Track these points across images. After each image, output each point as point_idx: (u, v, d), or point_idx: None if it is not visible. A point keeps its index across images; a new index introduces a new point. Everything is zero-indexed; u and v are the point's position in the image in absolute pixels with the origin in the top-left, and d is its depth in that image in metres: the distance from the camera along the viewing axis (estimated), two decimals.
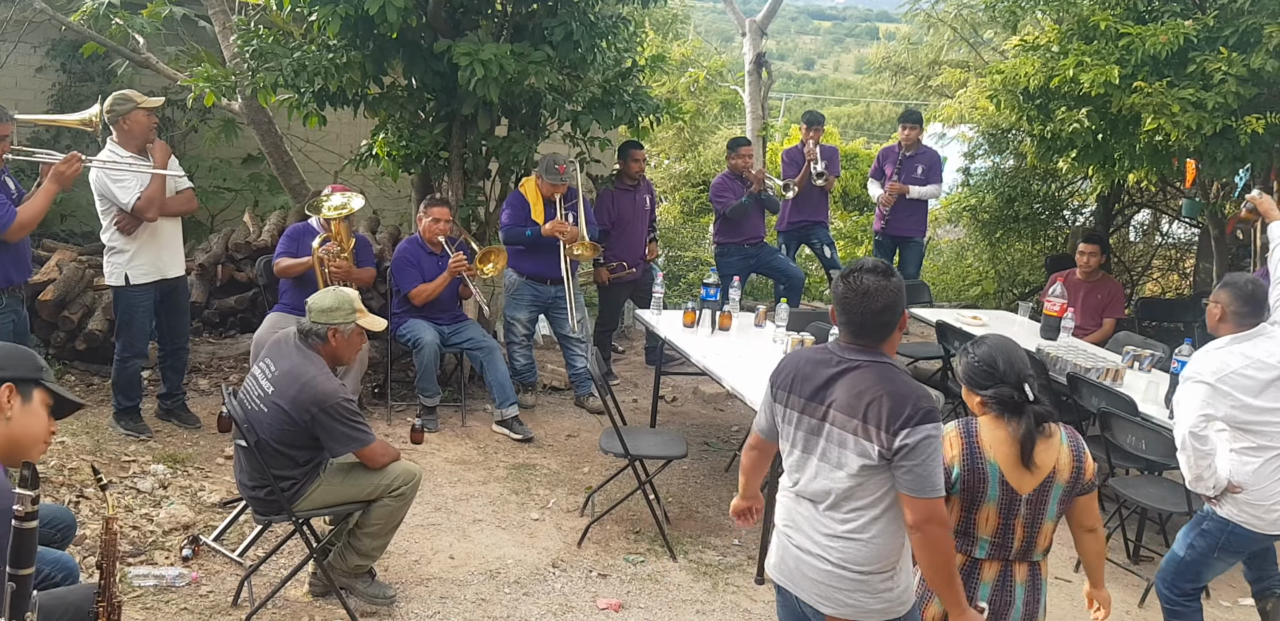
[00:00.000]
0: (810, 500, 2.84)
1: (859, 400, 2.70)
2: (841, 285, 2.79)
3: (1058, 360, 5.77)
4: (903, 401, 2.66)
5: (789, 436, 2.88)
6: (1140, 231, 11.16)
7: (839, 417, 2.74)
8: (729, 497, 5.47)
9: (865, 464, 2.69)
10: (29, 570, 2.14)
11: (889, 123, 24.63)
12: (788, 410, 2.87)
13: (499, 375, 6.06)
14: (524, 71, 5.66)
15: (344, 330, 3.92)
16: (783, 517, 2.94)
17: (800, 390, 2.83)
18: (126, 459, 5.09)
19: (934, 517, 2.66)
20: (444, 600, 4.18)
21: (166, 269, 5.39)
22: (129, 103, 5.13)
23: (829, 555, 2.79)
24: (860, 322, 2.76)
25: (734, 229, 7.64)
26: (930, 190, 8.37)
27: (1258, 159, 6.52)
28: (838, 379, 2.77)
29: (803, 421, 2.83)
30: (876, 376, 2.73)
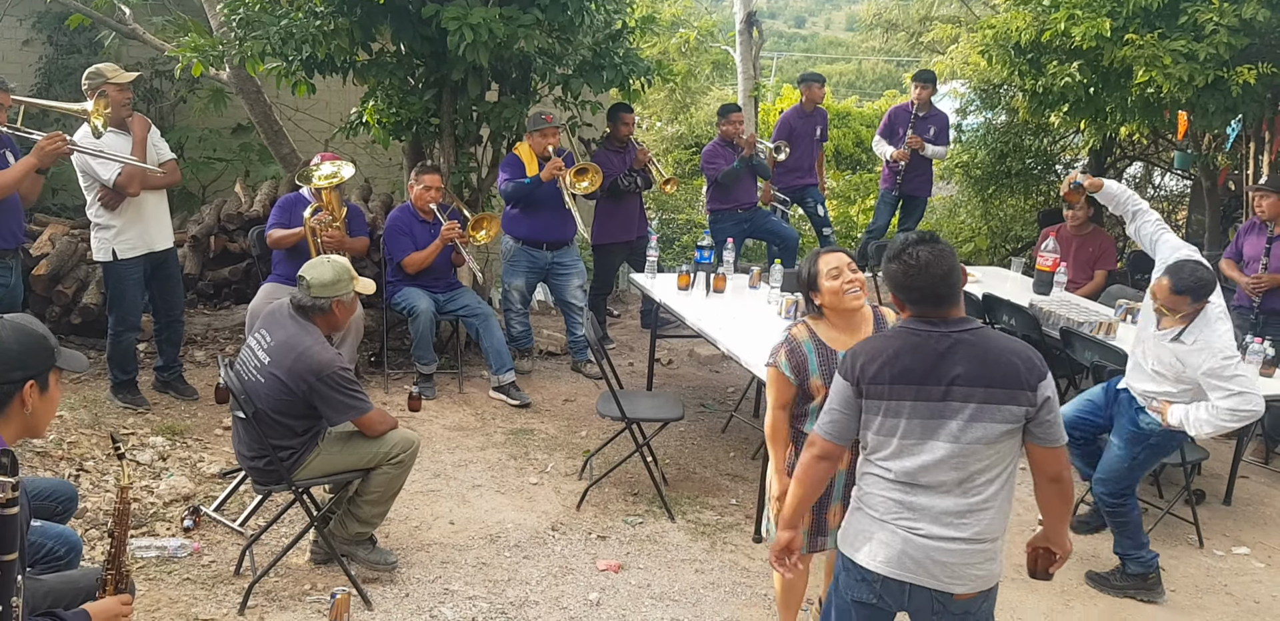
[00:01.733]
0: (930, 484, 2.72)
1: (989, 367, 2.65)
2: (898, 265, 2.72)
3: (1050, 314, 5.79)
4: (1028, 357, 2.68)
5: (893, 428, 2.72)
6: (1133, 184, 11.13)
7: (971, 391, 2.65)
8: (725, 459, 5.55)
9: (1009, 428, 2.66)
10: (12, 556, 2.15)
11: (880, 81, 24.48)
12: (889, 402, 2.70)
13: (495, 341, 6.08)
14: (513, 35, 5.60)
15: (346, 299, 3.93)
16: (890, 510, 2.77)
17: (905, 377, 2.69)
18: (125, 431, 5.11)
19: (1067, 464, 2.77)
20: (445, 565, 4.23)
21: (154, 242, 5.38)
22: (99, 77, 5.09)
23: (963, 532, 2.72)
24: (937, 293, 2.70)
25: (726, 195, 7.62)
26: (939, 151, 8.45)
27: (1249, 110, 6.50)
28: (951, 354, 2.67)
29: (917, 408, 2.69)
30: (989, 340, 2.70)
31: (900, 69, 12.85)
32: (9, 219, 4.80)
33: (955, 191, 11.72)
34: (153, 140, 5.35)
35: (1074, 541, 3.10)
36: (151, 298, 5.55)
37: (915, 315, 2.76)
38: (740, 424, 5.96)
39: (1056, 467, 2.74)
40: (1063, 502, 2.84)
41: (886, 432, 2.74)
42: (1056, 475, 2.75)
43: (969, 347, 2.68)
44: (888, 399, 2.70)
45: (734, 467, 5.44)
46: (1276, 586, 4.63)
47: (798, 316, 5.56)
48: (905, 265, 2.70)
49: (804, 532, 3.50)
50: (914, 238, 2.76)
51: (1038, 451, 2.73)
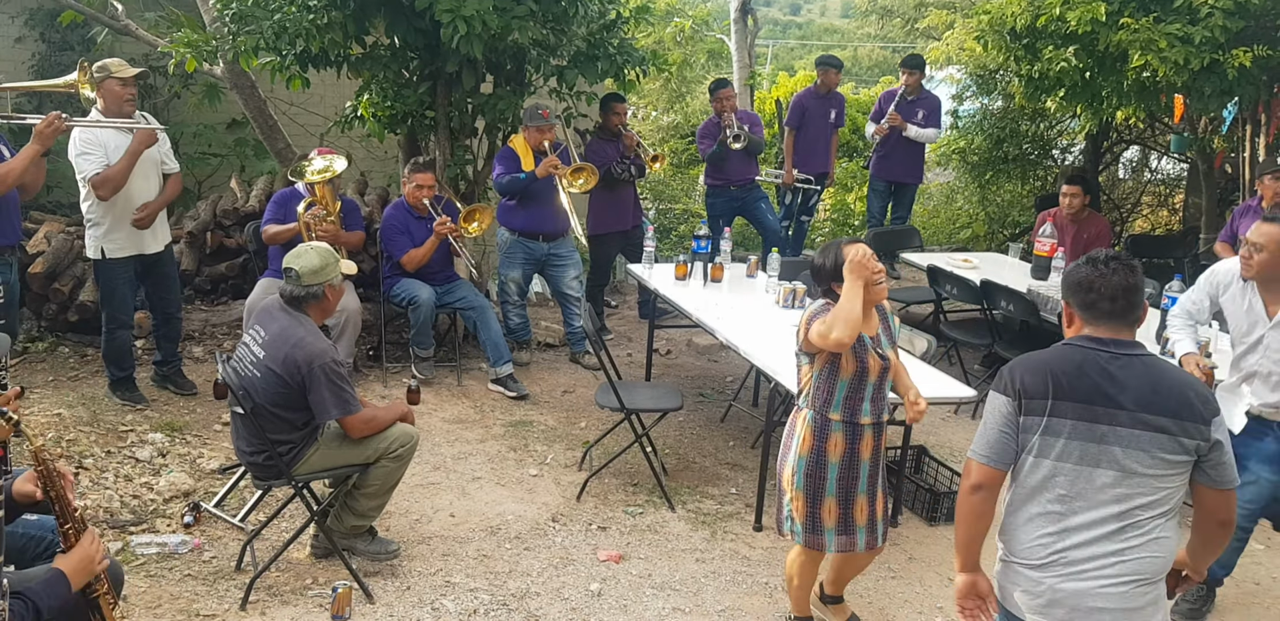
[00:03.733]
0: (1087, 521, 2.55)
1: (1161, 395, 2.48)
2: (1093, 271, 2.58)
3: (1049, 300, 5.79)
4: (1201, 391, 2.52)
5: (1049, 448, 2.55)
6: (1129, 168, 11.13)
7: (1140, 417, 2.48)
8: (725, 448, 5.55)
9: (1180, 460, 2.49)
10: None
11: (876, 67, 24.41)
12: (1050, 419, 2.53)
13: (493, 334, 6.08)
14: (507, 27, 5.58)
15: (335, 283, 3.93)
16: (1040, 552, 2.59)
17: (1068, 394, 2.51)
18: (124, 428, 5.11)
19: (1234, 507, 2.60)
20: (446, 557, 4.23)
21: (144, 245, 5.35)
22: (105, 71, 5.09)
23: (1127, 574, 2.53)
24: (1125, 308, 2.55)
25: (719, 171, 7.67)
26: (928, 134, 8.38)
27: (1245, 92, 6.48)
28: (1121, 375, 2.51)
29: (1078, 428, 2.51)
30: (1161, 367, 2.54)
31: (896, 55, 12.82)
32: (6, 216, 4.79)
33: (952, 178, 11.70)
34: (162, 151, 5.39)
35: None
36: (147, 295, 5.55)
37: (1087, 332, 2.60)
38: (739, 413, 5.96)
39: (1228, 512, 2.58)
40: (1223, 545, 2.70)
41: (1041, 454, 2.55)
42: (1227, 520, 2.60)
43: (1140, 371, 2.52)
44: (1048, 415, 2.53)
45: (733, 457, 5.44)
46: (1276, 568, 4.64)
47: (795, 304, 5.59)
48: (1102, 273, 2.57)
49: (830, 531, 3.54)
50: (1106, 253, 2.63)
51: (1209, 494, 2.56)
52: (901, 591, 4.23)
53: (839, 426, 3.50)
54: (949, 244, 10.52)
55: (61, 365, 5.97)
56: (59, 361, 6.01)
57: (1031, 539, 2.61)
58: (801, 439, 3.53)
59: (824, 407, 3.51)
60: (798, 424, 3.58)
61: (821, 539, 3.56)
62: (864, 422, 3.51)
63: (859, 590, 4.19)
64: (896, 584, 4.28)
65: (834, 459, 3.51)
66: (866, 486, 3.57)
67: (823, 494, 3.52)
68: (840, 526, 3.55)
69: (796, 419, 3.60)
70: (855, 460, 3.53)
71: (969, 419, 6.18)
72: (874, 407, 3.53)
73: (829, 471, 3.51)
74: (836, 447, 3.51)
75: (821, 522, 3.54)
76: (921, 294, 7.30)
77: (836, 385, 3.48)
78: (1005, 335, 6.33)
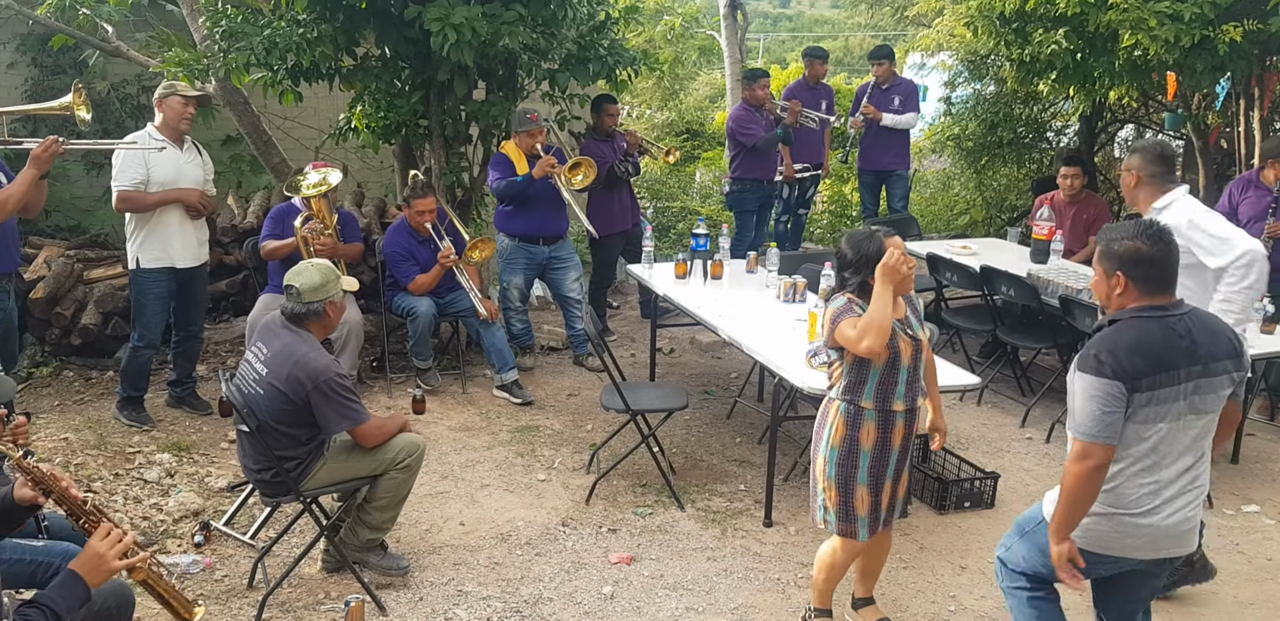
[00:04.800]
0: (1181, 467, 2.88)
1: (1216, 341, 2.84)
2: (1152, 246, 2.81)
3: (1049, 283, 5.77)
4: (1230, 328, 2.95)
5: (1162, 415, 2.80)
6: (1125, 148, 11.07)
7: (1210, 366, 2.82)
8: (732, 445, 5.55)
9: (1229, 390, 2.90)
10: None
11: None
12: (1157, 391, 2.77)
13: (496, 341, 6.09)
14: (497, 32, 5.59)
15: (337, 299, 3.94)
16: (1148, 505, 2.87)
17: (1167, 363, 2.77)
18: (131, 450, 5.13)
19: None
20: (457, 566, 4.24)
21: (176, 259, 5.40)
22: (170, 89, 5.33)
23: (1198, 494, 2.95)
24: (1175, 275, 2.85)
25: (755, 164, 7.70)
26: (906, 119, 8.30)
27: (1237, 67, 6.44)
28: (1190, 334, 2.81)
29: (1175, 392, 2.79)
30: (1203, 316, 2.91)
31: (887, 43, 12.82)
32: (4, 243, 4.81)
33: (948, 164, 11.67)
34: (207, 176, 5.55)
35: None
36: (174, 309, 5.56)
37: (1146, 301, 2.83)
38: (745, 409, 5.96)
39: (1236, 413, 3.12)
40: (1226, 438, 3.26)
41: (1149, 420, 2.80)
42: (1236, 418, 3.20)
43: (1198, 324, 2.84)
44: (1157, 387, 2.77)
45: (741, 453, 5.44)
46: None
47: (796, 299, 5.58)
48: (1162, 245, 2.81)
49: (862, 520, 3.56)
50: (1150, 221, 2.89)
51: (1229, 405, 2.96)
52: (914, 581, 4.23)
53: (872, 415, 3.48)
54: (947, 231, 10.49)
55: (66, 389, 5.99)
56: (64, 385, 6.03)
57: (1137, 493, 2.87)
58: (835, 428, 3.53)
59: (856, 397, 3.49)
60: (830, 413, 3.57)
61: (855, 526, 3.56)
62: (897, 409, 3.49)
63: None
64: (909, 574, 4.28)
65: (866, 447, 3.51)
66: (894, 473, 3.58)
67: (854, 483, 3.53)
68: (871, 514, 3.56)
69: (829, 409, 3.58)
70: (887, 448, 3.52)
71: (974, 406, 6.17)
72: (909, 392, 3.51)
73: (861, 460, 3.51)
74: (869, 436, 3.50)
75: (855, 511, 3.55)
76: (922, 282, 7.23)
77: (869, 373, 3.46)
78: (1007, 320, 6.32)
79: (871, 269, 3.41)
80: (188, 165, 5.40)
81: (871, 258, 3.42)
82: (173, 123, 5.30)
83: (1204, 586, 4.14)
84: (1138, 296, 2.83)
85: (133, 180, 5.19)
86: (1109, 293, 2.89)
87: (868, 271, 3.43)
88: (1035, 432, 5.74)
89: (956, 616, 4.00)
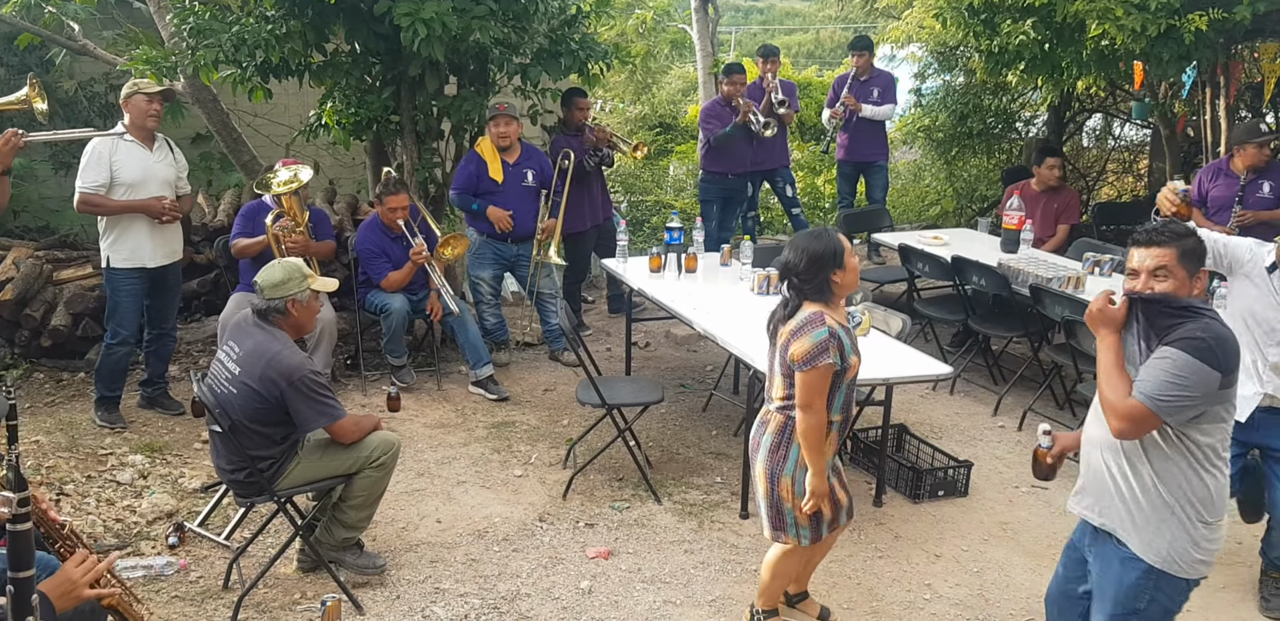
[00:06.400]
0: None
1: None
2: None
3: (1019, 272, 5.82)
4: None
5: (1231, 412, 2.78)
6: (1093, 137, 11.17)
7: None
8: (708, 437, 5.57)
9: None
10: (29, 573, 2.10)
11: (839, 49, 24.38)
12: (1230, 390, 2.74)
13: (471, 337, 6.07)
14: (468, 27, 5.56)
15: (301, 298, 3.90)
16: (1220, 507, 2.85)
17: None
18: (103, 452, 5.09)
19: None
20: (434, 564, 4.23)
21: (146, 259, 5.36)
22: (133, 88, 5.27)
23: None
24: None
25: (720, 158, 7.70)
26: (885, 110, 8.39)
27: (1203, 56, 6.50)
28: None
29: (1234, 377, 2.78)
30: None
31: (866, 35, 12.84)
32: None
33: (919, 155, 11.72)
34: (180, 174, 5.50)
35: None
36: (146, 309, 5.51)
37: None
38: (720, 401, 5.97)
39: None
40: None
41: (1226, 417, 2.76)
42: None
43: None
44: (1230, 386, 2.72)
45: (717, 446, 5.45)
46: (1256, 526, 4.67)
47: (770, 291, 5.60)
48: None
49: (826, 523, 3.53)
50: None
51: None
52: (889, 570, 4.26)
53: (835, 427, 3.46)
54: (919, 221, 10.55)
55: (37, 391, 5.94)
56: (34, 388, 5.98)
57: (1223, 497, 2.80)
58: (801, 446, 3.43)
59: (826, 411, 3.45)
60: (790, 432, 3.45)
61: (820, 532, 3.56)
62: (835, 420, 3.47)
63: (847, 572, 4.22)
64: (884, 563, 4.31)
65: (828, 457, 3.51)
66: (836, 472, 3.59)
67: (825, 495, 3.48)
68: (834, 513, 3.55)
69: (789, 427, 3.45)
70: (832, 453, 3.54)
71: (947, 395, 6.21)
72: (847, 401, 3.50)
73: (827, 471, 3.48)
74: (831, 447, 3.50)
75: (823, 517, 3.52)
76: (894, 273, 7.32)
77: (838, 390, 3.41)
78: (978, 309, 6.37)
79: (831, 268, 3.36)
80: (157, 165, 5.35)
81: (830, 255, 3.35)
82: (139, 121, 5.25)
83: None
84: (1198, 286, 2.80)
85: (94, 182, 5.14)
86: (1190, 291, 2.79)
87: (829, 271, 3.36)
88: (1008, 421, 5.79)
89: (931, 604, 4.03)
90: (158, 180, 5.32)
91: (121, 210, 5.23)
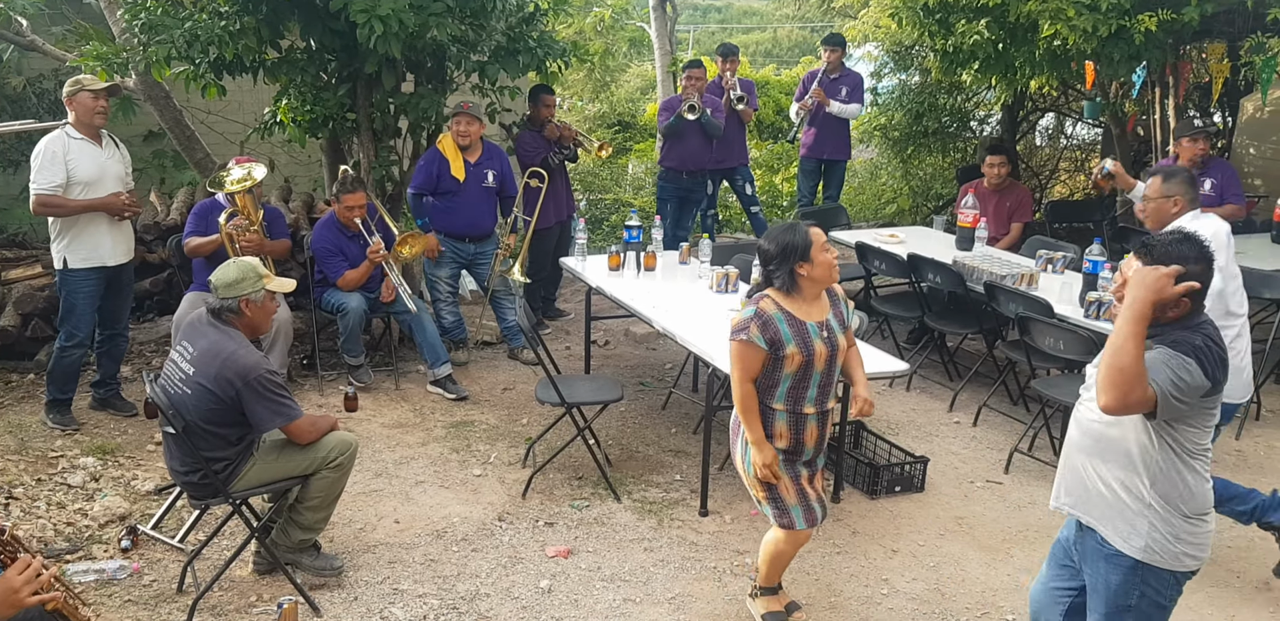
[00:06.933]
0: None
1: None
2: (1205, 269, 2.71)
3: (974, 270, 5.88)
4: None
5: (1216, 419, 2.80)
6: (1046, 136, 11.33)
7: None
8: (667, 435, 5.58)
9: None
10: None
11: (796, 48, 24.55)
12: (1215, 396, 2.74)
13: (429, 336, 6.04)
14: (424, 24, 5.52)
15: (255, 298, 3.85)
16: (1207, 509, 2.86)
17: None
18: (54, 454, 5.01)
19: None
20: (393, 564, 4.21)
21: (107, 258, 5.29)
22: (76, 85, 5.15)
23: None
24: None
25: (674, 154, 7.71)
26: (852, 109, 8.49)
27: (1153, 56, 6.61)
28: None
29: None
30: None
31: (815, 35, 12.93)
32: None
33: (875, 154, 11.82)
34: (126, 170, 5.42)
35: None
36: (99, 308, 5.42)
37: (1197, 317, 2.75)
38: (680, 399, 5.99)
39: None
40: None
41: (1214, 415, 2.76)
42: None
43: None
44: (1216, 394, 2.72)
45: (676, 443, 5.47)
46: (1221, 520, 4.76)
47: (729, 289, 5.62)
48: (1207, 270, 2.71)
49: (794, 508, 3.58)
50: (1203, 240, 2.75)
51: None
52: (848, 565, 4.29)
53: (783, 416, 3.53)
54: (875, 219, 10.64)
55: None
56: None
57: (1209, 494, 2.83)
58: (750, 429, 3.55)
59: (767, 399, 3.53)
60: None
61: (790, 516, 3.59)
62: (808, 413, 3.53)
63: (805, 567, 4.24)
64: (842, 559, 4.34)
65: (781, 445, 3.56)
66: (810, 470, 3.64)
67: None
68: (801, 501, 3.59)
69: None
70: (801, 448, 3.57)
71: (903, 391, 6.26)
72: (820, 395, 3.55)
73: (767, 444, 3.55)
74: (782, 436, 3.55)
75: (784, 500, 3.59)
76: (851, 271, 7.33)
77: (780, 378, 3.49)
78: (934, 306, 6.43)
79: (795, 260, 3.44)
80: (109, 162, 5.27)
81: (795, 249, 3.45)
82: (86, 119, 5.16)
83: None
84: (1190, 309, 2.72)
85: (51, 182, 5.05)
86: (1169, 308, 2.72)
87: (793, 263, 3.45)
88: (963, 416, 5.85)
89: (889, 599, 4.06)
90: (112, 177, 5.25)
91: (81, 210, 5.13)
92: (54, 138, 5.12)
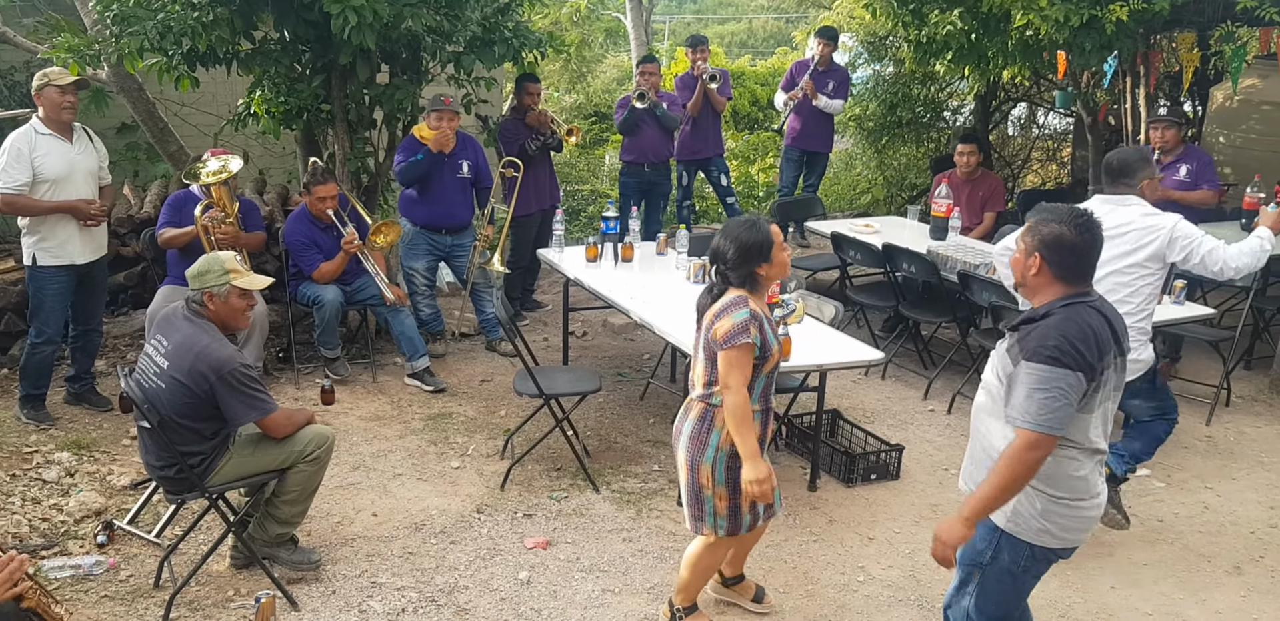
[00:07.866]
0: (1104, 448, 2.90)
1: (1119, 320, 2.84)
2: (1087, 237, 2.78)
3: (948, 259, 5.92)
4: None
5: (1105, 397, 2.81)
6: (1018, 125, 11.41)
7: (1122, 345, 2.83)
8: (645, 426, 5.59)
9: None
10: None
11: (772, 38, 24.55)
12: (1104, 375, 2.76)
13: (406, 328, 6.03)
14: (399, 15, 5.50)
15: (219, 292, 3.81)
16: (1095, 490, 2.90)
17: (1108, 348, 2.75)
18: (28, 449, 4.97)
19: None
20: (370, 558, 4.21)
21: (75, 255, 5.22)
22: (43, 79, 5.08)
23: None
24: (1092, 264, 2.84)
25: (633, 146, 7.71)
26: (835, 104, 8.55)
27: (1124, 46, 6.67)
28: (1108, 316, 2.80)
29: (1111, 376, 2.80)
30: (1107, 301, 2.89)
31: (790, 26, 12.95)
32: None
33: (850, 145, 11.87)
34: (101, 164, 5.35)
35: None
36: (71, 305, 5.37)
37: (1073, 289, 2.80)
38: (658, 390, 6.01)
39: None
40: None
41: (1093, 409, 2.79)
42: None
43: (1108, 308, 2.84)
44: (1101, 373, 2.74)
45: (654, 434, 5.49)
46: (1177, 504, 4.84)
47: (705, 280, 5.62)
48: (1081, 233, 2.76)
49: (746, 517, 3.50)
50: (1084, 210, 2.82)
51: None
52: (824, 554, 4.33)
53: (758, 416, 3.44)
54: (850, 210, 10.69)
55: None
56: None
57: (1093, 478, 2.88)
58: (723, 433, 3.41)
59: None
60: (714, 419, 3.43)
61: (740, 524, 3.52)
62: (756, 409, 3.46)
63: (782, 556, 4.28)
64: (819, 547, 4.38)
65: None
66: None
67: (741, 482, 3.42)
68: (752, 510, 3.52)
69: (713, 415, 3.43)
70: (763, 445, 3.52)
71: (879, 380, 6.31)
72: (767, 392, 3.49)
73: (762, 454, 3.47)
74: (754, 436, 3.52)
75: (742, 510, 3.50)
76: (827, 261, 7.40)
77: (758, 378, 3.42)
78: (908, 295, 6.47)
79: (758, 261, 3.37)
80: (79, 157, 5.21)
81: (758, 248, 3.36)
82: (54, 114, 5.08)
83: (1098, 548, 4.32)
84: (1052, 281, 2.80)
85: (17, 181, 4.97)
86: (1024, 270, 2.86)
87: (755, 264, 3.37)
88: (937, 405, 5.90)
89: (865, 586, 4.10)
90: (82, 172, 5.19)
91: (48, 212, 5.08)
92: (20, 133, 5.04)
